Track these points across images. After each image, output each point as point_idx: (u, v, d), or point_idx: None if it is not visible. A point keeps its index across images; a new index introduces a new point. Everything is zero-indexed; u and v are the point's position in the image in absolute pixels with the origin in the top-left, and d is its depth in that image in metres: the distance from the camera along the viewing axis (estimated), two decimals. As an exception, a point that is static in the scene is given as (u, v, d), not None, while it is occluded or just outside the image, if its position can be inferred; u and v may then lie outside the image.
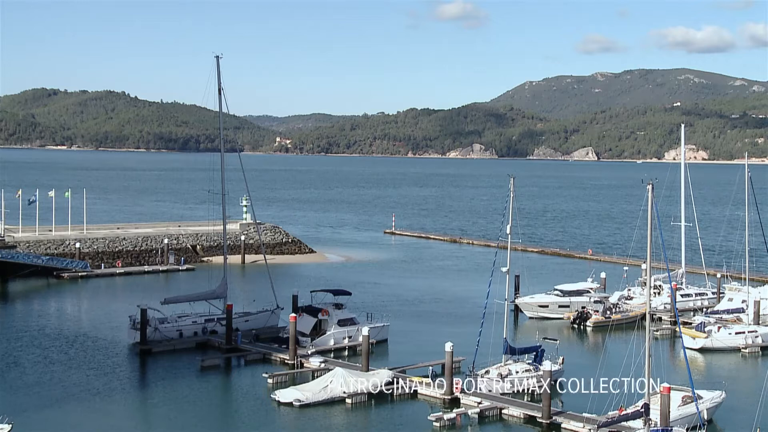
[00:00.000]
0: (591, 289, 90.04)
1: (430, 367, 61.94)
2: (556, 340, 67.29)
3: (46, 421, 51.33)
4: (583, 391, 55.96)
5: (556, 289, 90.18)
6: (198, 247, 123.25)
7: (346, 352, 71.21)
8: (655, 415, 49.25)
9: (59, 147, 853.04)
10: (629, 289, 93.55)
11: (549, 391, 53.34)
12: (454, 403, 56.63)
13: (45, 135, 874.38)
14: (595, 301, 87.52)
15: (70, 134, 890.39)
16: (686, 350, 63.63)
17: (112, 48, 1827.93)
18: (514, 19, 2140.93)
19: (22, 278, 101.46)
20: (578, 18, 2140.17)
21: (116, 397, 56.84)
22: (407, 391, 58.79)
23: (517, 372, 61.02)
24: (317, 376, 61.15)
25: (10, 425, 45.08)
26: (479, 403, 55.85)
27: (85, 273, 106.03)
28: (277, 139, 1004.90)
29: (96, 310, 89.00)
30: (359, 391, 57.28)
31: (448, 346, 57.66)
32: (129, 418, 54.22)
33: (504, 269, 65.77)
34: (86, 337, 74.20)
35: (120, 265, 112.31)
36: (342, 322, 72.75)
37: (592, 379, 55.01)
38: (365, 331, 63.83)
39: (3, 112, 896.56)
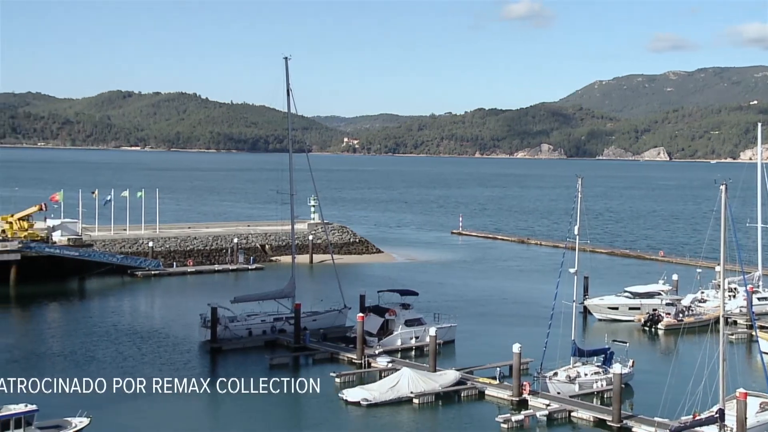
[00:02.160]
0: (663, 291, 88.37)
1: (498, 368, 61.62)
2: (626, 343, 66.23)
3: (120, 415, 52.63)
4: (654, 395, 54.90)
5: (627, 291, 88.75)
6: (267, 246, 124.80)
7: (413, 353, 71.26)
8: (730, 421, 48.10)
9: (133, 148, 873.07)
10: (702, 292, 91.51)
11: (619, 394, 52.54)
12: (522, 404, 56.23)
13: (120, 136, 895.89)
14: (667, 304, 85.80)
15: (144, 135, 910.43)
16: (763, 355, 61.99)
17: (184, 50, 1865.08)
18: (582, 19, 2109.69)
19: (98, 276, 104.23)
20: (648, 16, 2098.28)
21: (187, 393, 57.88)
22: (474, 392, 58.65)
23: (586, 374, 60.30)
24: (384, 376, 61.37)
25: (89, 419, 46.50)
26: (548, 405, 55.34)
27: (157, 272, 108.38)
28: (345, 139, 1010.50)
29: (168, 308, 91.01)
30: (426, 392, 57.31)
31: (516, 347, 57.28)
32: (199, 414, 55.29)
33: (572, 270, 64.99)
34: (159, 334, 75.92)
35: (191, 264, 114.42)
36: (409, 323, 72.85)
37: (663, 383, 53.89)
38: (432, 331, 63.79)
39: (81, 114, 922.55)
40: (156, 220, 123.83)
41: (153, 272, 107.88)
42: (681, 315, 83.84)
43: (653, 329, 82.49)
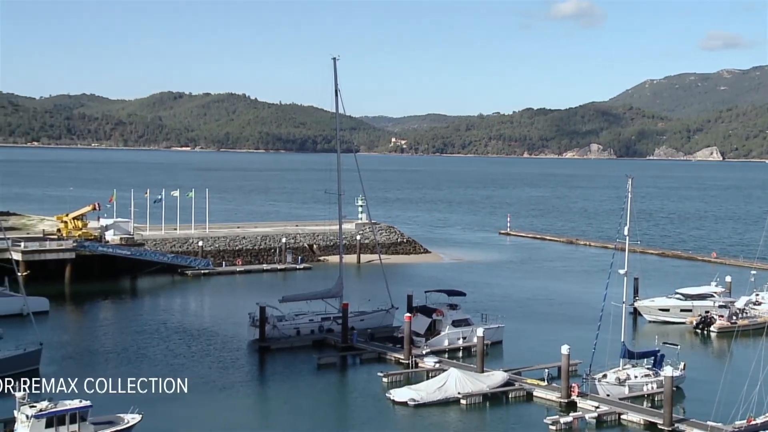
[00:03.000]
0: (715, 293, 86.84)
1: (546, 370, 61.15)
2: (677, 345, 65.18)
3: (171, 411, 53.32)
4: (707, 399, 53.95)
5: (678, 293, 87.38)
6: (315, 246, 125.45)
7: (461, 353, 71.06)
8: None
9: (183, 148, 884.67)
10: (757, 294, 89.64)
11: (671, 397, 51.73)
12: (571, 406, 55.73)
13: (171, 137, 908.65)
14: (720, 306, 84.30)
15: (194, 135, 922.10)
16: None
17: (233, 51, 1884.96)
18: (633, 17, 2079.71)
19: (149, 275, 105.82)
20: (701, 14, 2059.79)
21: (236, 391, 58.56)
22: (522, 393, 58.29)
23: (636, 377, 59.54)
24: (432, 376, 61.32)
25: (141, 415, 47.28)
26: (597, 407, 54.75)
27: (207, 271, 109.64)
28: (393, 139, 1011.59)
29: (217, 307, 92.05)
30: (474, 392, 57.13)
31: (565, 349, 56.77)
32: (248, 412, 55.78)
33: (622, 271, 64.17)
34: (208, 333, 76.81)
35: (240, 263, 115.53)
36: (456, 323, 72.67)
37: (716, 387, 52.93)
38: (480, 332, 63.52)
39: (133, 115, 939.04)
40: (206, 219, 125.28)
41: (203, 271, 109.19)
42: (734, 317, 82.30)
43: (705, 332, 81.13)
